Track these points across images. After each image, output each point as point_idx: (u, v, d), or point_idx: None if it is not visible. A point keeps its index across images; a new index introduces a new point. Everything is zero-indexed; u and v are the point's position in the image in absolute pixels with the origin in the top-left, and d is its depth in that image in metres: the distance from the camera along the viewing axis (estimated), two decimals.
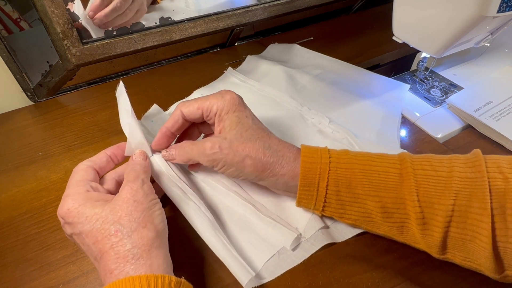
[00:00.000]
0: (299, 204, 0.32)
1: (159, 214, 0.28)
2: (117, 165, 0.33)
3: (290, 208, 0.34)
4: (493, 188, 0.26)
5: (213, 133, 0.35)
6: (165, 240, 0.28)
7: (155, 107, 0.45)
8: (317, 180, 0.30)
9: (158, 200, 0.29)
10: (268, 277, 0.30)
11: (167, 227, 0.28)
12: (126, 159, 0.33)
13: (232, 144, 0.30)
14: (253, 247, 0.32)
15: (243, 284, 0.28)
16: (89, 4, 0.43)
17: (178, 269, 0.30)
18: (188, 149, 0.32)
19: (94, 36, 0.45)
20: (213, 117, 0.32)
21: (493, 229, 0.25)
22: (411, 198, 0.28)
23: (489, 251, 0.25)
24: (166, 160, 0.33)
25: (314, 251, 0.32)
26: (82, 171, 0.30)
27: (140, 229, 0.26)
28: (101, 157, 0.32)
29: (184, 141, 0.33)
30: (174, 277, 0.25)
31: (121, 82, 0.35)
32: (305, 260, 0.31)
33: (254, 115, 0.33)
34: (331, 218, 0.33)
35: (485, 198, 0.25)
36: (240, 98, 0.33)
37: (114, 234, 0.25)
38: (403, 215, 0.28)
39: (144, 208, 0.27)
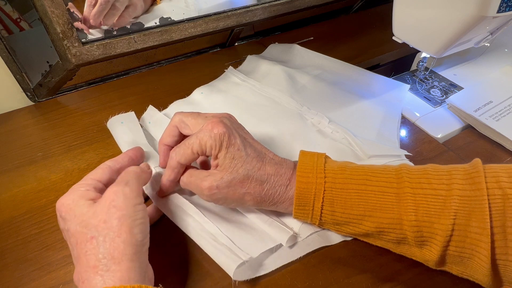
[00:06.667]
0: (295, 218, 0.32)
1: (139, 224, 0.26)
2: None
3: None
4: (493, 206, 0.25)
5: None
6: (142, 252, 0.26)
7: (151, 108, 0.46)
8: (312, 200, 0.30)
9: (143, 207, 0.27)
10: (262, 272, 0.30)
11: (148, 237, 0.27)
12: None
13: (230, 184, 0.30)
14: (248, 245, 0.31)
15: (230, 274, 0.28)
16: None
17: (178, 270, 0.30)
18: (186, 180, 0.32)
19: (93, 36, 0.45)
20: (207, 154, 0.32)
21: (493, 248, 0.25)
22: (408, 219, 0.27)
23: (488, 269, 0.25)
24: None
25: (310, 250, 0.32)
26: (99, 170, 0.31)
27: (115, 239, 0.25)
28: (123, 157, 0.33)
29: (185, 173, 0.32)
30: (150, 287, 0.24)
31: (133, 113, 0.40)
32: (305, 260, 0.31)
33: (245, 138, 0.32)
34: None
35: (484, 218, 0.25)
36: (228, 127, 0.31)
37: (89, 240, 0.25)
38: (399, 235, 0.28)
39: (122, 215, 0.25)
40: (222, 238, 0.31)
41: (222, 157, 0.30)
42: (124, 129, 0.41)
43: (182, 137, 0.34)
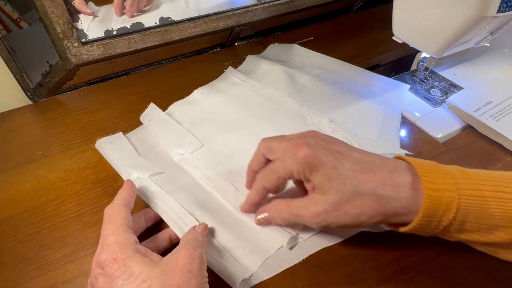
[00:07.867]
0: (409, 231, 0.27)
1: None
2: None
3: None
4: None
5: None
6: None
7: (152, 106, 0.46)
8: (442, 211, 0.25)
9: (207, 279, 0.25)
10: (265, 276, 0.30)
11: None
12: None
13: (338, 206, 0.26)
14: (251, 247, 0.31)
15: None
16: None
17: None
18: (286, 214, 0.29)
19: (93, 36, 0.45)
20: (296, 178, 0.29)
21: None
22: None
23: None
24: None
25: (312, 252, 0.32)
26: (123, 214, 0.27)
27: None
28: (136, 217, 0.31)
29: (277, 201, 0.30)
30: None
31: (120, 134, 0.42)
32: (305, 259, 0.31)
33: (339, 151, 0.28)
34: None
35: None
36: (313, 147, 0.27)
37: None
38: None
39: (197, 283, 0.23)
40: (223, 254, 0.31)
41: (318, 180, 0.27)
42: (114, 147, 0.41)
43: (269, 162, 0.32)
